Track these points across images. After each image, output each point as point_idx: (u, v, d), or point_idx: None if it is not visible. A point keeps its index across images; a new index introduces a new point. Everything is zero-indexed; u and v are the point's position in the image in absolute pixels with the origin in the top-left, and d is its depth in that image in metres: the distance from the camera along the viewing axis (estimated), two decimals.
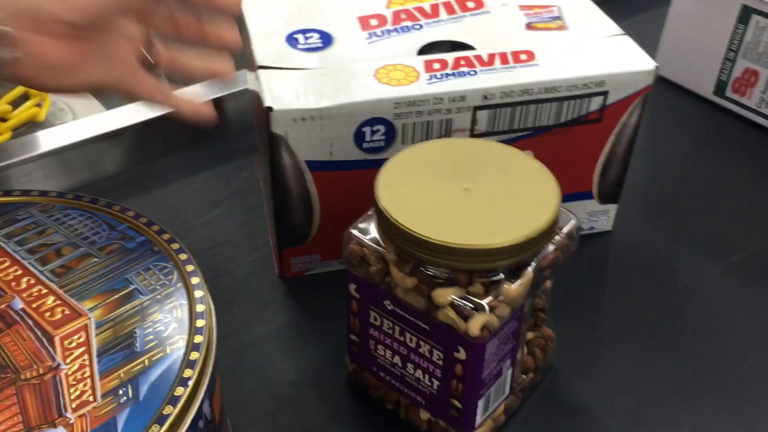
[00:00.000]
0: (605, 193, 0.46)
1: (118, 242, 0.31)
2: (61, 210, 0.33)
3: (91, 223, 0.32)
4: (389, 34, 0.44)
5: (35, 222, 0.32)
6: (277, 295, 0.44)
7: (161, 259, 0.31)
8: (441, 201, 0.32)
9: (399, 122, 0.39)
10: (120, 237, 0.31)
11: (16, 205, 0.33)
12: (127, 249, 0.31)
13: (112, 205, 0.33)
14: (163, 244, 0.31)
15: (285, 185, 0.40)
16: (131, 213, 0.33)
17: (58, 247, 0.31)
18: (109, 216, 0.32)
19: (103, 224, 0.32)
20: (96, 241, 0.31)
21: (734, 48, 0.57)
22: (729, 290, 0.44)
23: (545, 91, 0.40)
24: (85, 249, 0.31)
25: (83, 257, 0.30)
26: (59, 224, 0.32)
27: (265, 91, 0.39)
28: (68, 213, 0.33)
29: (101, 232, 0.32)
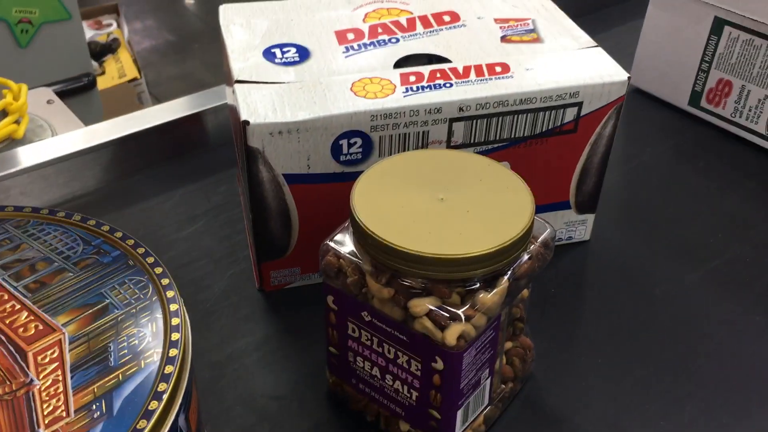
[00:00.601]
0: (582, 203, 0.47)
1: (92, 257, 0.31)
2: (36, 225, 0.32)
3: (65, 238, 0.32)
4: (366, 47, 0.44)
5: (9, 238, 0.32)
6: (257, 308, 0.44)
7: (136, 273, 0.30)
8: (416, 211, 0.32)
9: (376, 134, 0.40)
10: (95, 251, 0.31)
11: None
12: (101, 263, 0.31)
13: (87, 219, 0.33)
14: (139, 258, 0.31)
15: (263, 198, 0.40)
16: (106, 227, 0.32)
17: (33, 263, 0.31)
18: (84, 231, 0.32)
19: (78, 239, 0.32)
20: (71, 256, 0.31)
21: (707, 59, 0.58)
22: (705, 297, 0.44)
23: (520, 102, 0.41)
24: (60, 264, 0.31)
25: (57, 272, 0.30)
26: (34, 240, 0.32)
27: (242, 104, 0.39)
28: (43, 228, 0.32)
29: (76, 247, 0.32)
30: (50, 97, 0.64)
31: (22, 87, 0.57)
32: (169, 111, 0.54)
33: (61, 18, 0.87)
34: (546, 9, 0.49)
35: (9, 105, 0.55)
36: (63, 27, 0.88)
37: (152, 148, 0.53)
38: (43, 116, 0.60)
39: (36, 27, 0.86)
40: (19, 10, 0.83)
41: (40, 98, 0.63)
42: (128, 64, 1.54)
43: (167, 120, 0.53)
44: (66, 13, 0.88)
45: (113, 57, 1.55)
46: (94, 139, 0.51)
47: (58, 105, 0.62)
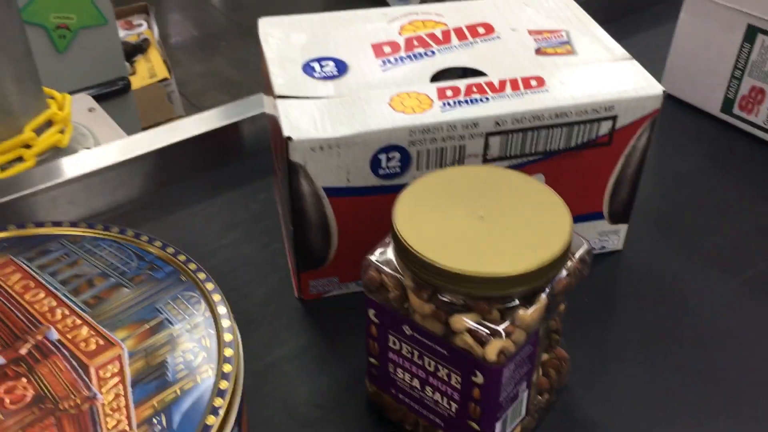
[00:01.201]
0: (615, 214, 0.47)
1: (146, 272, 0.32)
2: (91, 241, 0.34)
3: (120, 254, 0.33)
4: (402, 61, 0.45)
5: (67, 253, 0.33)
6: (297, 316, 0.45)
7: (189, 289, 0.32)
8: (456, 229, 0.33)
9: (414, 149, 0.41)
10: (148, 267, 0.33)
11: (47, 237, 0.34)
12: (155, 279, 0.32)
13: (139, 235, 0.34)
14: (190, 273, 0.32)
15: (303, 211, 0.42)
16: (158, 243, 0.34)
17: (90, 278, 0.32)
18: (137, 246, 0.34)
19: (132, 255, 0.33)
20: (126, 272, 0.32)
21: (740, 66, 0.58)
22: (739, 308, 0.45)
23: (555, 116, 0.41)
24: (116, 279, 0.32)
25: (114, 288, 0.32)
26: (90, 255, 0.33)
27: (284, 120, 0.40)
28: (98, 244, 0.34)
29: (130, 263, 0.33)
30: (91, 104, 0.66)
31: (66, 97, 0.59)
32: (207, 121, 0.55)
33: (97, 23, 0.89)
34: (579, 20, 0.49)
35: (54, 115, 0.57)
36: (99, 32, 0.91)
37: (192, 157, 0.55)
38: (85, 124, 0.61)
39: (73, 32, 0.88)
40: (56, 16, 0.85)
41: (82, 106, 0.65)
42: (158, 64, 1.56)
43: (206, 130, 0.55)
44: (102, 18, 0.90)
45: (144, 57, 1.57)
46: (137, 149, 0.53)
47: (99, 113, 0.64)
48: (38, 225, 0.35)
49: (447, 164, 0.42)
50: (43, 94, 0.56)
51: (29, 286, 0.31)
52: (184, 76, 2.16)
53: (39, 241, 0.34)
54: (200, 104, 2.05)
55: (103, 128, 0.61)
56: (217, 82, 2.14)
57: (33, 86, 0.55)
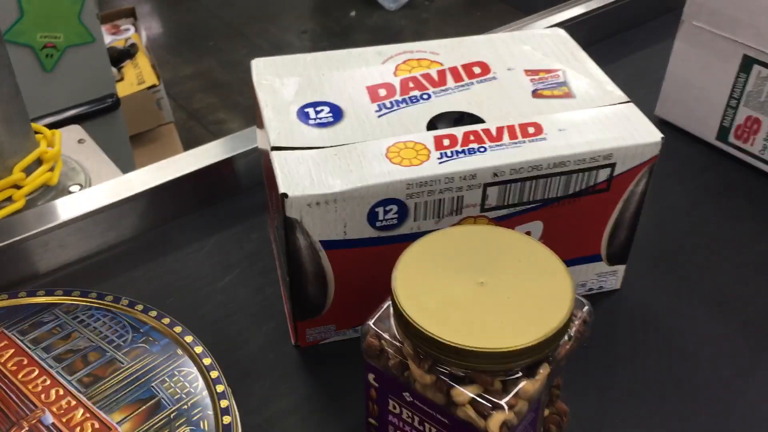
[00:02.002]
0: (613, 255, 0.47)
1: (142, 345, 0.32)
2: (85, 311, 0.33)
3: (114, 325, 0.33)
4: (398, 105, 0.45)
5: (60, 325, 0.33)
6: (294, 366, 0.44)
7: (185, 364, 0.31)
8: (457, 297, 0.32)
9: (411, 201, 0.40)
10: (143, 340, 0.32)
11: (41, 306, 0.34)
12: (151, 353, 0.32)
13: (134, 304, 0.34)
14: (187, 347, 0.32)
15: (300, 264, 0.41)
16: (154, 313, 0.33)
17: (85, 353, 0.31)
18: (132, 316, 0.33)
19: (127, 326, 0.33)
20: (121, 345, 0.32)
21: (736, 96, 0.58)
22: (738, 353, 0.45)
23: (554, 165, 0.41)
24: (111, 354, 0.31)
25: (109, 364, 0.31)
26: (84, 326, 0.33)
27: (279, 175, 0.39)
28: (92, 314, 0.33)
29: (125, 335, 0.32)
30: (81, 135, 0.65)
31: (56, 134, 0.58)
32: (198, 157, 0.55)
33: (85, 41, 0.88)
34: (576, 59, 0.49)
35: (44, 153, 0.56)
36: (87, 50, 0.89)
37: (184, 195, 0.54)
38: (75, 158, 0.61)
39: (61, 51, 0.86)
40: (43, 35, 0.84)
41: (72, 137, 0.64)
42: (147, 70, 1.54)
43: (197, 168, 0.54)
44: (90, 36, 0.89)
45: (132, 63, 1.55)
46: (128, 190, 0.52)
47: (89, 144, 0.63)
48: (30, 294, 0.34)
49: (444, 215, 0.41)
50: (32, 133, 0.55)
51: (23, 363, 0.31)
52: (172, 77, 2.14)
53: (32, 311, 0.33)
54: (189, 107, 2.03)
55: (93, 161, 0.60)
56: (206, 83, 2.12)
57: (22, 127, 0.54)
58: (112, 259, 0.51)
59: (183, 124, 1.93)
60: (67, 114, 0.87)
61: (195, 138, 1.91)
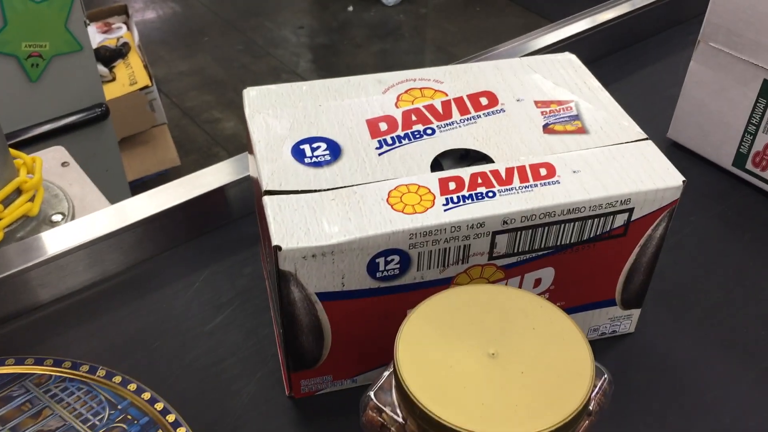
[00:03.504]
0: (628, 300, 0.44)
1: (119, 425, 0.29)
2: (58, 383, 0.30)
3: (90, 400, 0.30)
4: (400, 141, 0.42)
5: (30, 400, 0.30)
6: (288, 419, 0.42)
7: None
8: (466, 372, 0.30)
9: (415, 251, 0.37)
10: (121, 418, 0.29)
11: (10, 377, 0.31)
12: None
13: (112, 375, 0.31)
14: (168, 427, 0.29)
15: (294, 317, 0.38)
16: (133, 386, 0.30)
17: None
18: (110, 390, 0.30)
19: (104, 401, 0.30)
20: (96, 425, 0.29)
21: (755, 122, 0.55)
22: (762, 404, 0.42)
23: (568, 212, 0.38)
24: None
25: None
26: (57, 402, 0.30)
27: (273, 224, 0.36)
28: (66, 387, 0.30)
29: (102, 412, 0.29)
30: (65, 158, 0.62)
31: (37, 160, 0.55)
32: (186, 188, 0.52)
33: (72, 50, 0.84)
34: (589, 88, 0.46)
35: (23, 183, 0.53)
36: (74, 59, 0.86)
37: (171, 228, 0.51)
38: (58, 184, 0.57)
39: (47, 60, 0.83)
40: (28, 44, 0.80)
41: (55, 160, 0.61)
42: (139, 70, 1.51)
43: (189, 197, 0.51)
44: (77, 44, 0.85)
45: (124, 62, 1.52)
46: (113, 224, 0.49)
47: (72, 168, 0.60)
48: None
49: (450, 264, 0.38)
50: (10, 161, 0.52)
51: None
52: (166, 74, 2.10)
53: (1, 382, 0.30)
54: (183, 105, 2.00)
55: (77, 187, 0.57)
56: (201, 80, 2.09)
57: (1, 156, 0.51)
58: (96, 296, 0.48)
59: (176, 122, 1.89)
60: (53, 125, 0.84)
61: (188, 137, 1.88)
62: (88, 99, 0.88)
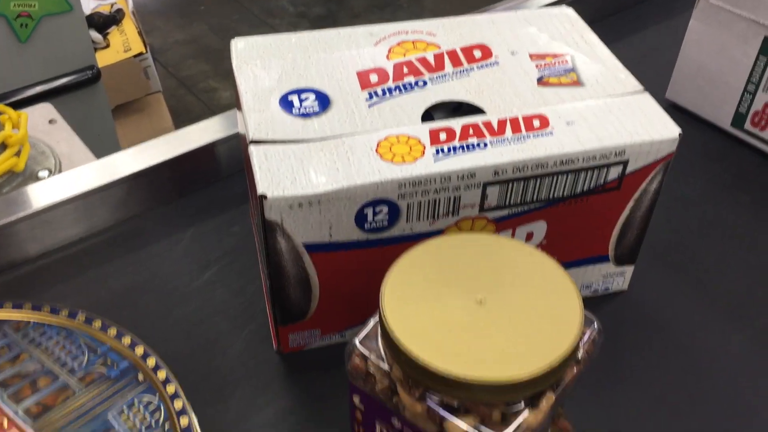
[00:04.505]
0: (621, 256, 0.44)
1: (99, 369, 0.28)
2: (37, 328, 0.30)
3: (69, 344, 0.29)
4: (391, 93, 0.41)
5: (8, 345, 0.29)
6: (276, 374, 0.41)
7: (147, 391, 0.28)
8: (452, 318, 0.29)
9: (404, 202, 0.36)
10: (101, 362, 0.29)
11: None
12: (108, 378, 0.28)
13: (91, 320, 0.30)
14: (149, 372, 0.28)
15: (281, 268, 0.38)
16: (113, 331, 0.30)
17: (34, 378, 0.28)
18: (89, 334, 0.30)
19: (83, 345, 0.29)
20: (75, 369, 0.28)
21: (754, 81, 0.54)
22: (755, 364, 0.42)
23: (561, 163, 0.37)
24: (63, 380, 0.28)
25: (61, 391, 0.28)
26: (35, 346, 0.29)
27: (258, 173, 0.36)
28: (44, 331, 0.30)
29: (80, 357, 0.29)
30: (52, 115, 0.60)
31: (22, 116, 0.53)
32: (174, 144, 0.51)
33: (62, 10, 0.83)
34: (586, 41, 0.45)
35: (8, 138, 0.52)
36: (64, 19, 0.84)
37: (160, 184, 0.50)
38: (45, 140, 0.56)
39: (36, 21, 0.81)
40: (17, 4, 0.79)
41: (42, 117, 0.60)
42: (133, 36, 1.49)
43: (178, 153, 0.50)
44: (67, 4, 0.84)
45: (118, 29, 1.50)
46: (100, 178, 0.48)
47: (60, 125, 0.59)
48: None
49: (440, 216, 0.38)
50: None
51: None
52: (161, 43, 2.08)
53: None
54: (179, 74, 1.98)
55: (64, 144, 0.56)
56: (197, 50, 2.07)
57: None
58: (82, 252, 0.48)
59: (173, 92, 1.88)
60: (43, 87, 0.83)
61: (185, 107, 1.86)
62: (79, 61, 0.86)
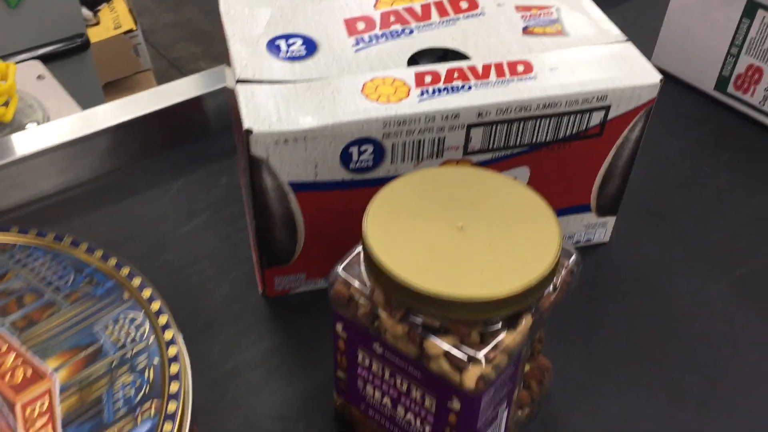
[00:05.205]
0: (603, 206, 0.44)
1: (84, 288, 0.29)
2: (24, 250, 0.30)
3: (55, 265, 0.30)
4: (377, 39, 0.41)
5: None
6: (260, 317, 0.42)
7: (132, 308, 0.28)
8: (434, 242, 0.30)
9: (388, 141, 0.37)
10: (87, 281, 0.29)
11: None
12: (94, 296, 0.29)
13: (78, 243, 0.31)
14: (134, 290, 0.29)
15: (267, 207, 0.38)
16: (99, 252, 0.30)
17: (20, 295, 0.28)
18: (75, 256, 0.30)
19: (69, 266, 0.30)
20: (61, 288, 0.29)
21: (738, 43, 0.54)
22: (730, 311, 0.42)
23: (543, 107, 0.38)
24: (49, 297, 0.28)
25: (47, 307, 0.28)
26: (21, 267, 0.30)
27: (244, 109, 0.36)
28: (30, 253, 0.30)
29: (66, 276, 0.29)
30: (40, 71, 0.60)
31: (10, 66, 0.54)
32: (164, 96, 0.51)
33: None
34: None
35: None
36: None
37: (147, 135, 0.50)
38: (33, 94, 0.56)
39: None
40: None
41: (30, 73, 0.60)
42: (124, 13, 1.49)
43: (163, 106, 0.50)
44: None
45: (108, 6, 1.49)
46: (88, 127, 0.48)
47: (48, 81, 0.59)
48: None
49: (424, 157, 0.38)
50: None
51: None
52: (152, 25, 2.07)
53: None
54: (169, 56, 1.97)
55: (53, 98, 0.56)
56: (188, 32, 2.06)
57: None
58: (69, 201, 0.48)
59: (163, 72, 1.87)
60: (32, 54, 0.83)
61: None
62: (68, 28, 0.86)
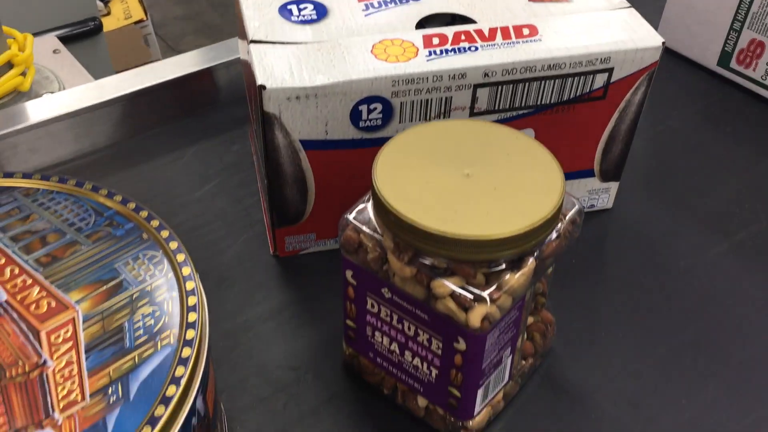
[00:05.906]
0: (607, 171, 0.45)
1: (105, 229, 0.30)
2: (46, 194, 0.31)
3: (77, 209, 0.31)
4: (386, 5, 0.42)
5: (19, 207, 0.31)
6: (272, 275, 0.43)
7: (150, 247, 0.29)
8: (441, 188, 0.31)
9: (397, 100, 0.38)
10: (107, 223, 0.30)
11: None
12: (114, 236, 0.30)
13: (98, 188, 0.32)
14: (152, 231, 0.30)
15: (278, 164, 0.39)
16: (119, 197, 0.31)
17: (43, 235, 0.30)
18: (96, 201, 0.31)
19: (90, 209, 0.31)
20: (82, 228, 0.30)
21: (740, 18, 0.55)
22: (730, 272, 0.43)
23: (548, 68, 0.39)
24: (72, 236, 0.30)
25: (69, 245, 0.29)
26: (44, 209, 0.31)
27: (257, 67, 0.37)
28: (53, 197, 0.31)
29: (87, 218, 0.30)
30: (56, 46, 0.62)
31: (28, 37, 0.55)
32: (179, 65, 0.52)
33: None
34: None
35: (14, 56, 0.53)
36: None
37: (163, 104, 0.52)
38: (49, 67, 0.58)
39: None
40: None
41: (47, 47, 0.61)
42: (134, 4, 1.50)
43: (178, 75, 0.52)
44: None
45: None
46: (104, 94, 0.50)
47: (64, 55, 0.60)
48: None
49: (432, 117, 0.39)
50: (2, 35, 0.53)
51: None
52: (162, 18, 2.08)
53: None
54: (179, 48, 1.98)
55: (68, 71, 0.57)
56: (197, 25, 2.07)
57: None
58: (84, 166, 0.49)
59: None
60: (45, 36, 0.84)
61: None
62: (81, 12, 0.87)
